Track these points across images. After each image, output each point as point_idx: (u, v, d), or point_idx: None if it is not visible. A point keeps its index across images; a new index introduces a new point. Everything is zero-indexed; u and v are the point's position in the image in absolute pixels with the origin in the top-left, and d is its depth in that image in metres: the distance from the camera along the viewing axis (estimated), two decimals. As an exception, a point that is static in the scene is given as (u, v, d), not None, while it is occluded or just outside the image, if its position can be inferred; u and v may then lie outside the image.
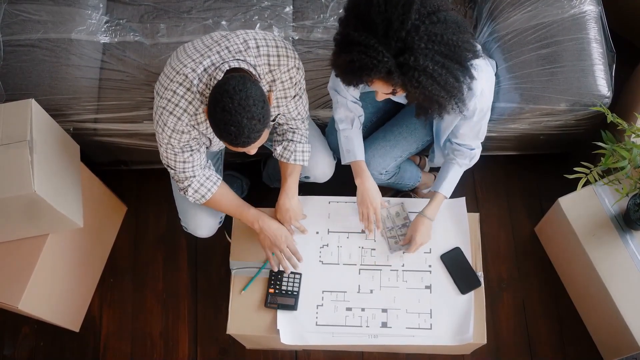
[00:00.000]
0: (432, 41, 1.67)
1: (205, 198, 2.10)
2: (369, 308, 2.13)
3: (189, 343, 2.62)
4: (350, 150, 2.18)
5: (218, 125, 1.70)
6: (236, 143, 1.73)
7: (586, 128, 2.42)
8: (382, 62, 1.67)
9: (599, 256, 2.21)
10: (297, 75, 1.98)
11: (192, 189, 2.08)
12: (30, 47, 2.45)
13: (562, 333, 2.56)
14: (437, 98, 1.75)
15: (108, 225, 2.73)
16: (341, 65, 1.76)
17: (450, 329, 2.09)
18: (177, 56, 1.94)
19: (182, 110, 1.88)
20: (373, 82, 1.76)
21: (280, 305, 2.13)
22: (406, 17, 1.65)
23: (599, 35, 2.34)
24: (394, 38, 1.66)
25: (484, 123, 2.06)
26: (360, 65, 1.69)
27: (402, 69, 1.68)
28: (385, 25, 1.66)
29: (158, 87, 1.94)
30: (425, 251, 2.19)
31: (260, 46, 1.91)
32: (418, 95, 1.75)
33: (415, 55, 1.66)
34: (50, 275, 2.34)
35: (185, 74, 1.86)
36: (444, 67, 1.70)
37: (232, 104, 1.67)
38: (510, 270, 2.66)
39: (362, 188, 2.17)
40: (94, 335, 2.65)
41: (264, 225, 2.14)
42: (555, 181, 2.18)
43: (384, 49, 1.66)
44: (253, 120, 1.69)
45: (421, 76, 1.68)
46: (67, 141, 2.33)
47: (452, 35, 1.69)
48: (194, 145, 1.98)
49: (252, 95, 1.69)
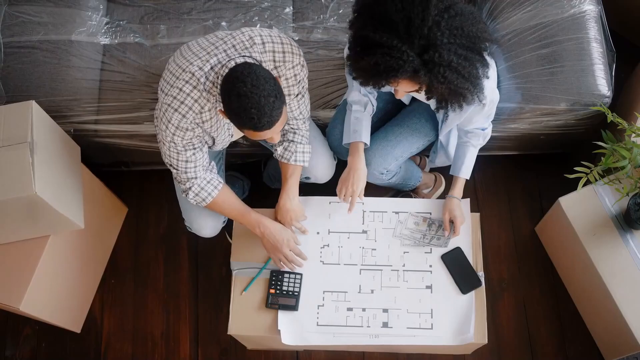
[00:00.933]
0: (453, 35, 1.68)
1: (206, 202, 2.10)
2: (370, 308, 2.13)
3: (190, 343, 2.62)
4: (357, 131, 2.17)
5: (238, 113, 1.71)
6: (260, 126, 1.73)
7: (586, 128, 2.42)
8: (407, 61, 1.67)
9: (600, 256, 2.21)
10: (302, 72, 1.98)
11: (192, 192, 2.08)
12: (30, 48, 2.45)
13: (562, 332, 2.56)
14: (462, 91, 1.76)
15: (109, 226, 2.73)
16: (365, 68, 1.75)
17: (451, 328, 2.09)
18: (182, 54, 1.94)
19: (188, 108, 1.88)
20: (399, 82, 1.76)
21: (281, 306, 2.13)
22: (426, 13, 1.65)
23: (598, 34, 2.34)
24: (417, 36, 1.65)
25: (494, 107, 2.09)
26: (386, 67, 1.68)
27: (428, 66, 1.68)
28: (405, 24, 1.66)
29: (163, 84, 1.94)
30: (426, 251, 2.19)
31: (266, 42, 1.91)
32: (444, 90, 1.75)
33: (439, 51, 1.66)
34: (51, 276, 2.34)
35: (192, 71, 1.86)
36: (466, 59, 1.71)
37: (245, 87, 1.68)
38: (510, 270, 2.66)
39: (353, 166, 2.17)
40: (96, 336, 2.65)
41: (265, 231, 2.14)
42: (556, 181, 2.19)
43: (408, 48, 1.66)
44: (270, 97, 1.70)
45: (447, 71, 1.69)
46: (68, 142, 2.33)
47: (472, 27, 1.71)
48: (197, 144, 1.98)
49: (262, 74, 1.71)
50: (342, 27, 2.52)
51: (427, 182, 2.67)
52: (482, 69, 1.78)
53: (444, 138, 2.30)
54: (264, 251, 2.20)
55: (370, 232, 2.23)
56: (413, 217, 2.23)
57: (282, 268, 2.17)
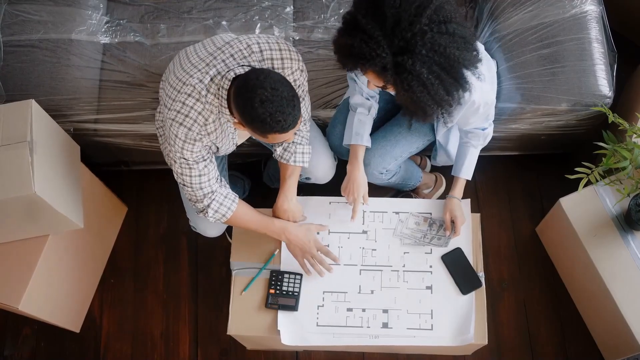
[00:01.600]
0: (433, 50, 1.68)
1: (226, 217, 2.07)
2: (370, 308, 2.13)
3: (190, 344, 2.62)
4: (359, 134, 2.18)
5: (264, 120, 1.70)
6: (286, 127, 1.73)
7: (587, 128, 2.42)
8: (379, 56, 1.68)
9: (600, 256, 2.21)
10: (301, 77, 1.98)
11: (212, 209, 2.04)
12: (30, 47, 2.44)
13: (563, 333, 2.55)
14: (423, 105, 1.77)
15: (108, 225, 2.73)
16: (341, 46, 1.78)
17: (451, 329, 2.09)
18: (181, 64, 1.93)
19: (192, 120, 1.87)
20: (367, 73, 1.78)
21: (281, 306, 2.13)
22: (416, 19, 1.66)
23: (600, 35, 2.34)
24: (399, 36, 1.66)
25: (492, 109, 2.09)
26: (358, 52, 1.70)
27: (397, 68, 1.70)
28: (393, 21, 1.67)
29: (165, 99, 1.93)
30: (427, 252, 2.18)
31: (264, 50, 1.90)
32: (406, 98, 1.77)
33: (413, 59, 1.67)
34: (50, 276, 2.33)
35: (193, 84, 1.85)
36: (438, 78, 1.72)
37: (266, 92, 1.68)
38: (511, 271, 2.66)
39: (352, 176, 2.18)
40: (95, 336, 2.64)
41: (290, 237, 2.12)
42: (557, 181, 2.18)
43: (386, 44, 1.67)
44: (289, 96, 1.71)
45: (413, 81, 1.70)
46: (68, 142, 2.32)
47: (455, 50, 1.71)
48: (206, 155, 1.97)
49: (276, 77, 1.72)
50: (342, 27, 2.52)
51: (427, 182, 2.67)
52: (455, 92, 1.78)
53: (442, 138, 2.30)
54: (264, 251, 2.20)
55: (371, 233, 2.22)
56: (414, 216, 2.23)
57: (309, 274, 2.15)
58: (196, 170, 1.97)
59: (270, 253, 2.20)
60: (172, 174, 2.27)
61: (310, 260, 2.13)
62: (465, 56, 1.74)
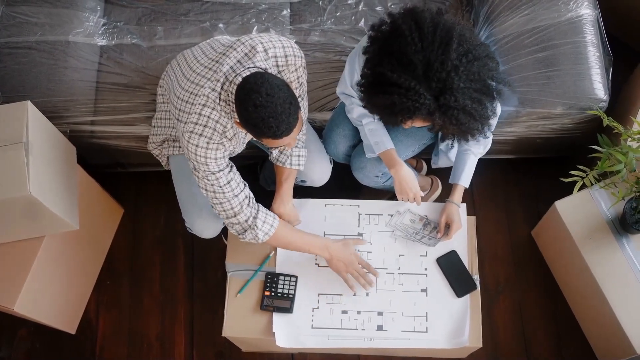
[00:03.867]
0: (470, 80, 1.72)
1: (269, 234, 2.04)
2: (365, 311, 2.13)
3: (186, 346, 2.61)
4: (378, 142, 2.18)
5: (256, 124, 1.70)
6: (279, 134, 1.72)
7: (583, 132, 2.42)
8: (424, 104, 1.70)
9: (596, 260, 2.21)
10: (303, 75, 1.99)
11: (260, 220, 2.01)
12: (27, 49, 2.45)
13: (558, 336, 2.55)
14: (471, 130, 1.81)
15: (105, 227, 2.73)
16: (379, 105, 1.79)
17: (446, 332, 2.09)
18: (185, 75, 1.92)
19: (212, 130, 1.86)
20: (413, 121, 1.80)
21: (276, 308, 2.13)
22: (446, 57, 1.68)
23: (595, 38, 2.34)
24: (435, 79, 1.69)
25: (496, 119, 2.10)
26: (402, 108, 1.72)
27: (442, 109, 1.72)
28: (424, 66, 1.69)
29: (178, 113, 1.91)
30: (422, 254, 2.19)
31: (268, 49, 1.90)
32: (455, 129, 1.80)
33: (455, 96, 1.70)
34: (46, 277, 2.33)
35: (206, 94, 1.85)
36: (480, 103, 1.76)
37: (261, 97, 1.67)
38: (507, 274, 2.66)
39: (399, 177, 2.17)
40: (91, 338, 2.64)
41: (333, 253, 2.11)
42: (553, 184, 2.18)
43: (425, 90, 1.69)
44: (285, 104, 1.70)
45: (460, 114, 1.73)
46: (64, 143, 2.33)
47: (488, 72, 1.75)
48: (227, 161, 1.97)
49: (274, 82, 1.71)
50: (339, 30, 2.53)
51: (423, 185, 2.66)
52: (490, 107, 1.82)
53: (444, 147, 2.31)
54: (260, 253, 2.20)
55: (366, 235, 2.22)
56: (411, 214, 2.23)
57: (354, 290, 2.13)
58: (224, 179, 1.94)
59: (265, 255, 2.20)
60: (168, 176, 2.28)
61: (353, 274, 2.12)
62: (494, 73, 1.79)
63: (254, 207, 2.03)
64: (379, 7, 2.55)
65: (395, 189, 2.20)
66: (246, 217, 2.01)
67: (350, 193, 2.51)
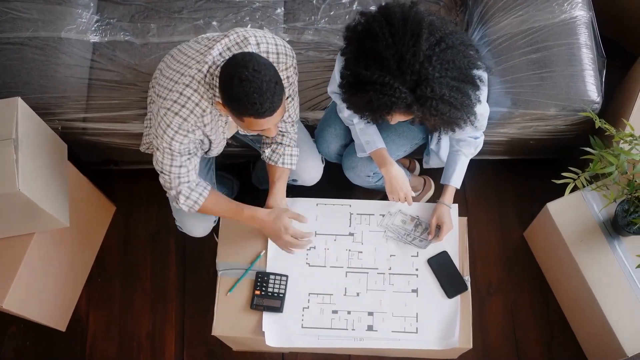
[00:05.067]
0: (445, 69, 1.70)
1: (198, 204, 2.07)
2: (355, 311, 2.12)
3: (176, 344, 2.61)
4: (369, 141, 2.18)
5: (240, 99, 1.70)
6: (262, 111, 1.71)
7: (576, 133, 2.42)
8: (400, 98, 1.69)
9: (587, 262, 2.21)
10: (294, 75, 1.98)
11: (183, 196, 2.04)
12: (19, 45, 2.44)
13: (549, 338, 2.55)
14: (454, 120, 1.79)
15: (96, 224, 2.72)
16: (358, 104, 1.79)
17: (436, 333, 2.08)
18: (176, 58, 1.93)
19: (189, 111, 1.87)
20: (393, 116, 1.79)
21: (266, 307, 2.12)
22: (417, 48, 1.67)
23: (589, 40, 2.34)
24: (408, 72, 1.68)
25: (485, 120, 2.10)
26: (379, 104, 1.71)
27: (420, 100, 1.71)
28: (397, 60, 1.68)
29: (160, 90, 1.92)
30: (413, 254, 2.18)
31: (261, 43, 1.91)
32: (437, 120, 1.78)
33: (431, 86, 1.68)
34: (36, 274, 2.33)
35: (192, 75, 1.85)
36: (458, 91, 1.74)
37: (247, 71, 1.67)
38: (499, 275, 2.65)
39: (389, 176, 2.17)
40: (81, 335, 2.63)
41: (261, 224, 2.12)
42: (546, 186, 2.18)
43: (400, 84, 1.68)
44: (271, 82, 1.70)
45: (439, 104, 1.72)
46: (54, 140, 2.32)
47: (463, 58, 1.73)
48: (192, 149, 1.97)
49: (262, 61, 1.71)
50: (333, 29, 2.52)
51: (415, 185, 2.66)
52: (473, 95, 1.80)
53: (435, 146, 2.30)
54: (251, 252, 2.19)
55: (357, 235, 2.22)
56: (402, 214, 2.22)
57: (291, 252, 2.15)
58: (178, 161, 1.96)
59: (256, 254, 2.19)
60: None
61: (286, 245, 2.13)
62: (471, 59, 1.77)
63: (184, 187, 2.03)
64: (373, 6, 2.54)
65: (386, 188, 2.19)
66: (175, 193, 2.05)
67: (342, 193, 2.50)
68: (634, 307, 2.13)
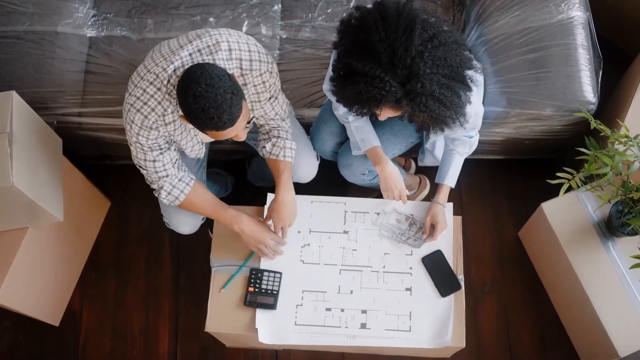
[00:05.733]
0: (436, 65, 1.70)
1: (179, 200, 2.07)
2: (349, 309, 2.12)
3: (170, 340, 2.61)
4: (364, 139, 2.17)
5: (197, 115, 1.68)
6: (221, 124, 1.70)
7: (572, 134, 2.42)
8: (390, 91, 1.69)
9: (581, 262, 2.21)
10: (271, 78, 1.95)
11: (164, 191, 2.05)
12: (15, 39, 2.44)
13: (543, 338, 2.55)
14: (443, 118, 1.79)
15: (90, 219, 2.71)
16: (348, 96, 1.78)
17: (429, 331, 2.09)
18: (152, 55, 1.92)
19: (150, 109, 1.86)
20: (382, 110, 1.79)
21: (260, 304, 2.12)
22: (409, 43, 1.67)
23: (586, 41, 2.34)
24: (400, 66, 1.67)
25: (480, 119, 2.09)
26: (369, 97, 1.71)
27: (410, 95, 1.70)
28: (389, 53, 1.67)
29: (129, 84, 1.93)
30: (407, 253, 2.18)
31: (233, 49, 1.88)
32: (425, 117, 1.78)
33: (422, 82, 1.68)
34: (29, 268, 2.32)
35: (156, 73, 1.84)
36: (449, 89, 1.73)
37: (200, 87, 1.66)
38: (493, 274, 2.66)
39: (384, 174, 2.17)
40: (74, 330, 2.63)
41: (244, 227, 2.11)
42: (542, 186, 2.17)
43: (391, 78, 1.68)
44: (227, 94, 1.68)
45: (429, 101, 1.71)
46: (49, 134, 2.31)
47: (455, 57, 1.73)
48: (162, 144, 1.96)
49: (214, 72, 1.69)
50: (330, 27, 2.52)
51: (411, 184, 2.66)
52: (464, 95, 1.80)
53: (430, 145, 2.30)
54: (245, 248, 2.19)
55: (352, 233, 2.22)
56: (397, 213, 2.22)
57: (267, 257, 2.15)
58: (150, 156, 1.97)
59: (250, 250, 2.19)
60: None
61: (263, 250, 2.13)
62: (463, 58, 1.77)
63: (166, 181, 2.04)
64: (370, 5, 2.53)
65: (380, 186, 2.19)
66: (157, 187, 2.06)
67: (337, 190, 2.50)
68: (626, 308, 2.14)
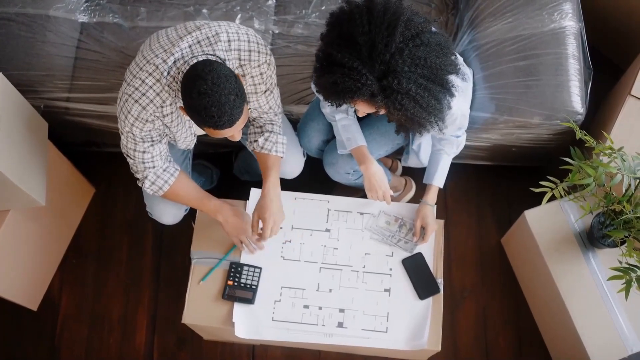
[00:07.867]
0: (415, 64, 1.69)
1: (163, 190, 2.07)
2: (327, 307, 2.12)
3: (147, 329, 2.60)
4: (350, 138, 2.17)
5: (199, 111, 1.68)
6: (220, 124, 1.70)
7: (558, 143, 2.43)
8: (365, 85, 1.68)
9: (560, 272, 2.22)
10: (268, 70, 1.96)
11: (149, 181, 2.05)
12: (6, 20, 2.42)
13: (519, 343, 2.56)
14: (418, 119, 1.77)
15: (74, 205, 2.70)
16: (324, 85, 1.77)
17: (405, 333, 2.09)
18: (150, 45, 1.92)
19: (149, 100, 1.85)
20: (356, 103, 1.78)
21: (238, 298, 2.12)
22: (390, 39, 1.66)
23: (577, 51, 2.34)
24: (378, 61, 1.67)
25: (466, 120, 2.09)
26: (344, 87, 1.70)
27: (386, 91, 1.69)
28: (369, 47, 1.67)
29: (127, 74, 1.91)
30: (387, 254, 2.18)
31: (232, 40, 1.88)
32: (400, 116, 1.76)
33: (398, 79, 1.67)
34: (9, 252, 2.31)
35: (156, 64, 1.83)
36: (426, 90, 1.72)
37: (206, 84, 1.66)
38: (473, 279, 2.66)
39: (368, 174, 2.16)
40: (52, 315, 2.62)
41: (227, 217, 2.12)
42: (527, 193, 2.18)
43: (368, 71, 1.67)
44: (231, 95, 1.68)
45: (404, 99, 1.70)
46: (35, 118, 2.30)
47: (436, 59, 1.72)
48: (155, 137, 1.96)
49: (223, 72, 1.69)
50: (323, 24, 2.48)
51: (396, 185, 2.66)
52: (444, 99, 1.79)
53: (416, 147, 2.30)
54: (226, 242, 2.19)
55: (334, 231, 2.22)
56: (386, 215, 2.22)
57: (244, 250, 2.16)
58: (141, 147, 1.96)
59: (231, 244, 2.19)
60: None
61: (244, 241, 2.14)
62: (445, 62, 1.75)
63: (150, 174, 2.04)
64: (363, 1, 2.53)
65: (364, 186, 2.19)
66: (142, 177, 2.06)
67: (323, 189, 2.49)
68: (603, 319, 2.14)
